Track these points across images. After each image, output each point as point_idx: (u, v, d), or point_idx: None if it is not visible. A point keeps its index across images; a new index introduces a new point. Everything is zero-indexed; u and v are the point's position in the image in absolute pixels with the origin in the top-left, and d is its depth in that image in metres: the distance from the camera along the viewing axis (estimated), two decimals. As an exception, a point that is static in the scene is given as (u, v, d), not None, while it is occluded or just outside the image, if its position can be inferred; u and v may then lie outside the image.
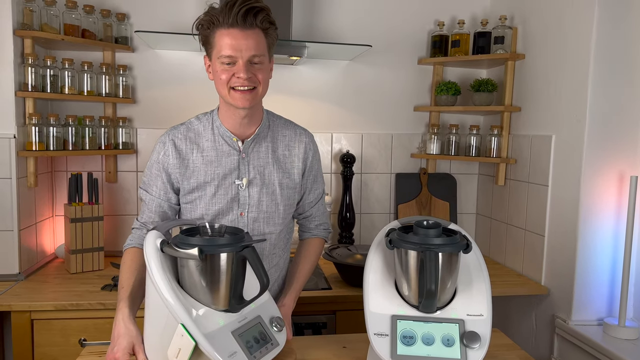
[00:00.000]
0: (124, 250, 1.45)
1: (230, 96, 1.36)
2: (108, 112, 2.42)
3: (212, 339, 1.12)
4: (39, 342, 1.88)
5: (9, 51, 2.04)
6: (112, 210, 2.51)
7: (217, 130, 1.46)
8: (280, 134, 1.53)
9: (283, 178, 1.50)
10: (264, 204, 1.48)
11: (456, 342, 1.23)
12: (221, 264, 1.16)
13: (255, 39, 1.33)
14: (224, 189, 1.45)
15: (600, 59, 1.90)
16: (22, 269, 2.13)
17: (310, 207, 1.62)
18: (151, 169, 1.47)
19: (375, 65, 2.66)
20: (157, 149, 1.47)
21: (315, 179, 1.60)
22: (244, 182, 1.45)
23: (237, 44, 1.31)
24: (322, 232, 1.66)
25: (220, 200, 1.45)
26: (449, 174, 2.76)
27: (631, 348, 1.78)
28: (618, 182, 1.94)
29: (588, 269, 1.97)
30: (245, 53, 1.32)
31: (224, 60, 1.33)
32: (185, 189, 1.45)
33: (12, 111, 2.07)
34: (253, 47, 1.33)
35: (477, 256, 1.36)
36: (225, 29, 1.32)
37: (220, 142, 1.46)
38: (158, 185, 1.46)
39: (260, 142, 1.48)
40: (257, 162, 1.47)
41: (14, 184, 2.08)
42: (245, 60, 1.33)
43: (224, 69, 1.34)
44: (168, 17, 2.47)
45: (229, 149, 1.45)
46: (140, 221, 1.48)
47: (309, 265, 1.60)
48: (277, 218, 1.51)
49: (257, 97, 1.39)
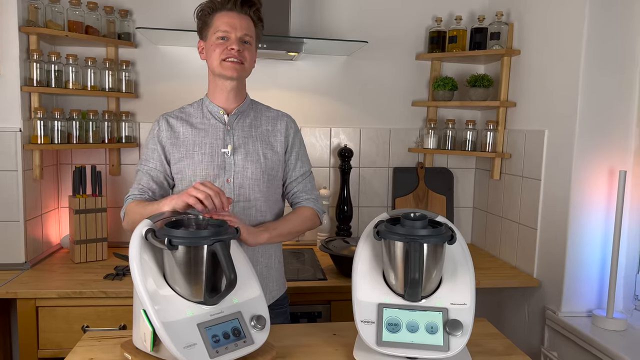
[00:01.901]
0: (127, 206, 1.55)
1: (222, 66, 1.54)
2: (111, 107, 2.48)
3: (171, 328, 1.15)
4: (43, 328, 1.96)
5: (14, 47, 2.11)
6: (115, 202, 2.58)
7: (206, 109, 1.63)
8: (264, 115, 1.69)
9: (266, 149, 1.62)
10: (249, 170, 1.58)
11: (439, 329, 1.28)
12: (192, 257, 1.19)
13: (247, 23, 1.56)
14: (210, 156, 1.57)
15: (591, 55, 1.94)
16: (28, 259, 2.20)
17: (297, 184, 1.69)
18: (147, 144, 1.63)
19: (373, 61, 2.70)
20: (152, 127, 1.64)
21: (298, 157, 1.69)
22: (229, 149, 1.58)
23: (232, 22, 1.53)
24: (311, 203, 1.70)
25: (207, 167, 1.56)
26: (446, 168, 2.80)
27: (618, 339, 1.82)
28: (608, 176, 1.97)
29: (578, 262, 2.01)
30: (238, 31, 1.53)
31: (220, 34, 1.53)
32: (175, 157, 1.58)
33: (18, 105, 2.14)
34: (245, 27, 1.55)
35: (463, 247, 1.40)
36: (223, 12, 1.54)
37: (209, 116, 1.63)
38: (155, 158, 1.60)
39: (244, 118, 1.64)
40: (241, 134, 1.62)
41: (20, 177, 2.15)
42: (238, 36, 1.53)
43: (218, 43, 1.53)
44: (170, 14, 2.52)
45: (216, 122, 1.62)
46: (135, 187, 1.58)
47: (290, 217, 1.64)
48: (262, 185, 1.60)
49: (243, 71, 1.57)
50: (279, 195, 1.70)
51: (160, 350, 1.20)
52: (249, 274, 1.35)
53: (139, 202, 1.51)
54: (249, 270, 1.36)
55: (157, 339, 1.17)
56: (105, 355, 1.32)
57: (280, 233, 1.59)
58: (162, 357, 1.21)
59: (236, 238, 1.27)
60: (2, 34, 2.09)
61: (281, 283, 1.74)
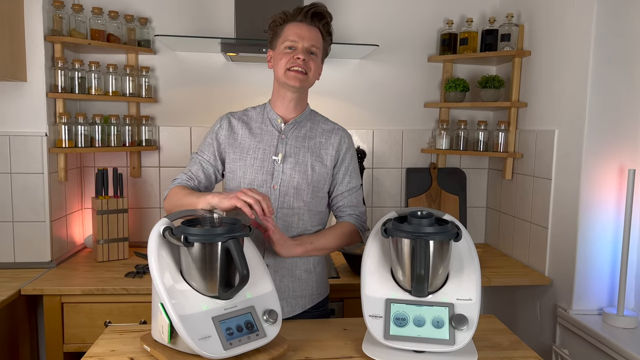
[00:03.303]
0: (171, 188, 1.63)
1: (286, 76, 1.58)
2: (132, 111, 2.58)
3: (187, 321, 1.21)
4: (68, 324, 2.05)
5: (40, 55, 2.21)
6: (136, 203, 2.67)
7: (266, 115, 1.69)
8: (320, 126, 1.71)
9: (315, 161, 1.65)
10: (295, 180, 1.62)
11: (445, 324, 1.31)
12: (207, 253, 1.25)
13: (316, 35, 1.61)
14: (261, 161, 1.63)
15: (599, 54, 1.95)
16: (54, 257, 2.30)
17: (343, 198, 1.71)
18: (206, 138, 1.70)
19: (386, 63, 2.75)
20: (215, 124, 1.71)
21: (347, 171, 1.71)
22: (279, 157, 1.62)
23: (301, 33, 1.58)
24: (353, 219, 1.71)
25: (257, 171, 1.62)
26: (458, 169, 2.83)
27: (629, 337, 1.83)
28: (618, 175, 1.99)
29: (588, 260, 2.02)
30: (306, 42, 1.58)
31: (288, 44, 1.58)
32: (230, 157, 1.66)
33: (44, 111, 2.24)
34: (314, 38, 1.59)
35: (469, 244, 1.43)
36: (293, 23, 1.60)
37: (267, 123, 1.68)
38: (210, 151, 1.67)
39: (299, 127, 1.67)
40: (293, 143, 1.65)
41: (45, 179, 2.25)
42: (305, 46, 1.58)
43: (285, 52, 1.58)
44: (187, 22, 2.60)
45: (272, 129, 1.66)
46: (185, 172, 1.67)
47: (329, 233, 1.67)
48: (306, 196, 1.63)
49: (306, 82, 1.60)
50: (323, 206, 1.72)
51: (177, 342, 1.26)
52: (262, 270, 1.41)
53: (183, 187, 1.59)
54: (261, 266, 1.42)
55: (174, 331, 1.23)
56: (126, 347, 1.39)
57: (316, 247, 1.61)
58: (178, 349, 1.27)
59: (249, 236, 1.33)
60: (29, 43, 2.19)
61: (322, 287, 1.76)
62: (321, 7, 1.61)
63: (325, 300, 1.78)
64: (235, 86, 2.68)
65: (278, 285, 1.63)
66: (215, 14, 2.61)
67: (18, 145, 2.22)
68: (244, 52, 2.36)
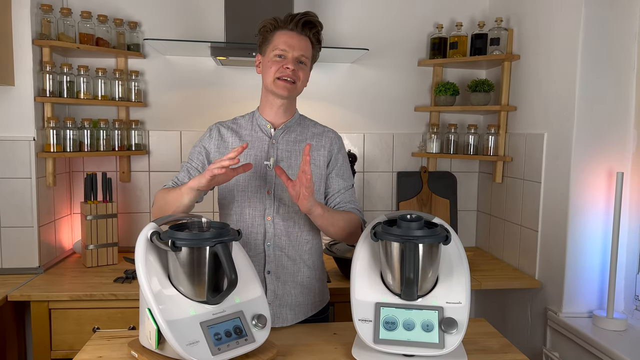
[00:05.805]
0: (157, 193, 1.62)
1: (275, 84, 1.58)
2: (121, 115, 2.56)
3: (175, 326, 1.20)
4: (56, 330, 2.03)
5: (28, 59, 2.19)
6: (125, 208, 2.65)
7: (255, 121, 1.69)
8: (310, 130, 1.71)
9: None
10: None
11: (435, 327, 1.31)
12: (195, 258, 1.24)
13: (306, 44, 1.60)
14: (253, 167, 1.61)
15: (587, 58, 1.97)
16: (42, 263, 2.28)
17: (338, 195, 1.70)
18: (195, 147, 1.70)
19: (376, 67, 2.75)
20: (205, 133, 1.70)
21: (340, 172, 1.70)
22: (271, 162, 1.62)
23: (291, 42, 1.57)
24: (357, 212, 1.69)
25: (250, 177, 1.62)
26: (449, 172, 2.83)
27: (619, 339, 1.84)
28: (607, 178, 2.00)
29: (578, 263, 2.03)
30: (296, 51, 1.57)
31: (278, 52, 1.57)
32: None
33: (32, 115, 2.22)
34: (303, 48, 1.59)
35: (458, 248, 1.43)
36: (284, 31, 1.59)
37: (256, 129, 1.68)
38: (199, 160, 1.67)
39: (289, 132, 1.67)
40: (285, 148, 1.65)
41: (33, 184, 2.23)
42: (295, 56, 1.57)
43: (275, 61, 1.57)
44: (177, 26, 2.60)
45: (262, 135, 1.67)
46: (172, 180, 1.66)
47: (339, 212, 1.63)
48: None
49: (294, 90, 1.61)
50: None
51: (165, 347, 1.25)
52: (251, 275, 1.40)
53: (168, 189, 1.59)
54: (250, 271, 1.41)
55: (162, 337, 1.22)
56: (114, 354, 1.38)
57: (329, 217, 1.56)
58: (166, 355, 1.26)
59: (237, 240, 1.32)
60: (17, 47, 2.18)
61: (324, 294, 1.76)
62: (312, 16, 1.61)
63: (327, 307, 1.78)
64: (225, 90, 2.67)
65: (281, 292, 1.62)
66: (205, 17, 2.61)
67: (5, 150, 2.20)
68: (233, 56, 2.36)
